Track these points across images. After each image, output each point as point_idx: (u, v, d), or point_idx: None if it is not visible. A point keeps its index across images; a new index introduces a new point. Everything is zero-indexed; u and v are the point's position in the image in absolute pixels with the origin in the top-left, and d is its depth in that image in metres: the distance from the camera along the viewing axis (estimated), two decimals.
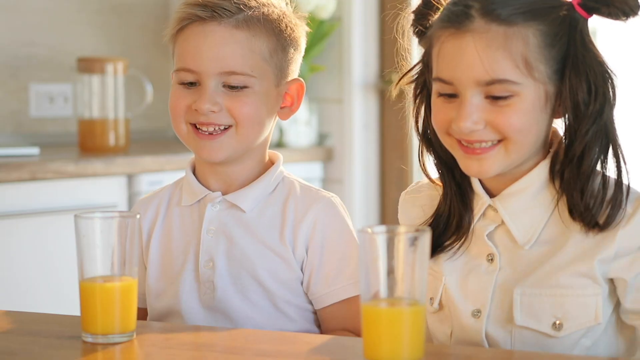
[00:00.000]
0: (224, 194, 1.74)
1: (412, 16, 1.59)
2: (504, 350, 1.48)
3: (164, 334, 1.53)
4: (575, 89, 1.46)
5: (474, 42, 1.44)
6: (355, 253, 1.66)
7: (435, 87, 1.50)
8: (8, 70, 3.39)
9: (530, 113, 1.45)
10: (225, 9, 1.68)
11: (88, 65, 3.26)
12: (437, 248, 1.55)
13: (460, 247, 1.55)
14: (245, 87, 1.68)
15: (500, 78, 1.44)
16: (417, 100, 1.59)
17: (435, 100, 1.51)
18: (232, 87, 1.68)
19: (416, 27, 1.58)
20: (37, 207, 2.86)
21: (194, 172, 1.77)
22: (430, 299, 1.56)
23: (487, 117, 1.45)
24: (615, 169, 1.48)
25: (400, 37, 1.61)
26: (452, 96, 1.48)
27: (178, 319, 1.73)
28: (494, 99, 1.45)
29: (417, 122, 1.60)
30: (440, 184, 1.59)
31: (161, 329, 1.58)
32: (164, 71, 3.60)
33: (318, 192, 1.75)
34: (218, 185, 1.75)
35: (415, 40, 1.61)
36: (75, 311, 1.87)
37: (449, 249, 1.55)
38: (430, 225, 1.57)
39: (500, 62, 1.44)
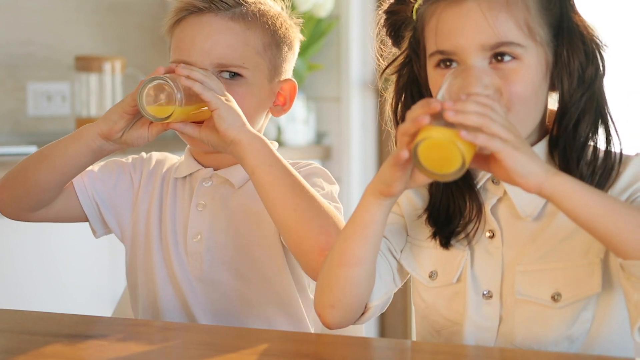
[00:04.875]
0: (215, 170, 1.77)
1: (384, 16, 1.58)
2: (514, 350, 1.48)
3: (164, 332, 1.53)
4: (572, 54, 1.46)
5: (477, 4, 1.43)
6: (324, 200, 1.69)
7: (433, 62, 1.48)
8: (5, 69, 3.38)
9: (534, 81, 1.45)
10: (223, 2, 1.71)
11: (86, 64, 3.25)
12: (451, 236, 1.51)
13: (477, 228, 1.51)
14: (237, 75, 1.70)
15: (506, 40, 1.43)
16: (399, 92, 1.56)
17: (433, 74, 1.48)
18: (224, 75, 1.71)
19: (389, 28, 1.58)
20: None
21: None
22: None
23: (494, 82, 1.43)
24: (605, 138, 1.47)
25: (378, 42, 1.60)
26: (452, 62, 1.45)
27: (167, 290, 1.75)
28: (498, 62, 1.43)
29: (395, 113, 1.57)
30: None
31: (161, 327, 1.58)
32: None
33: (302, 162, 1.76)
34: (210, 164, 1.77)
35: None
36: (75, 310, 1.86)
37: (466, 233, 1.51)
38: (428, 220, 1.54)
39: (504, 24, 1.43)
